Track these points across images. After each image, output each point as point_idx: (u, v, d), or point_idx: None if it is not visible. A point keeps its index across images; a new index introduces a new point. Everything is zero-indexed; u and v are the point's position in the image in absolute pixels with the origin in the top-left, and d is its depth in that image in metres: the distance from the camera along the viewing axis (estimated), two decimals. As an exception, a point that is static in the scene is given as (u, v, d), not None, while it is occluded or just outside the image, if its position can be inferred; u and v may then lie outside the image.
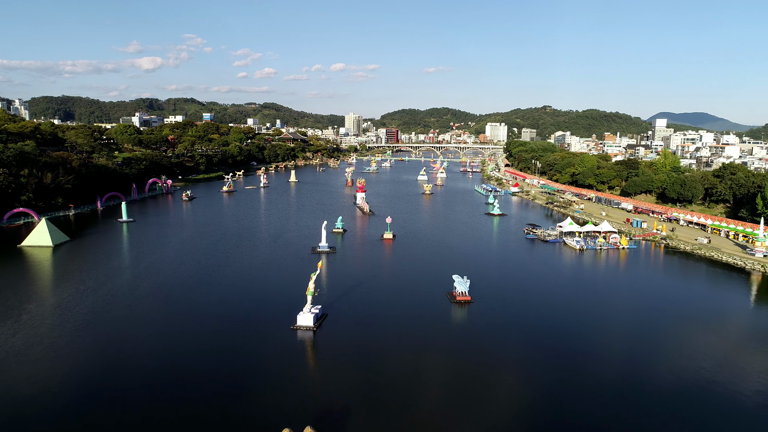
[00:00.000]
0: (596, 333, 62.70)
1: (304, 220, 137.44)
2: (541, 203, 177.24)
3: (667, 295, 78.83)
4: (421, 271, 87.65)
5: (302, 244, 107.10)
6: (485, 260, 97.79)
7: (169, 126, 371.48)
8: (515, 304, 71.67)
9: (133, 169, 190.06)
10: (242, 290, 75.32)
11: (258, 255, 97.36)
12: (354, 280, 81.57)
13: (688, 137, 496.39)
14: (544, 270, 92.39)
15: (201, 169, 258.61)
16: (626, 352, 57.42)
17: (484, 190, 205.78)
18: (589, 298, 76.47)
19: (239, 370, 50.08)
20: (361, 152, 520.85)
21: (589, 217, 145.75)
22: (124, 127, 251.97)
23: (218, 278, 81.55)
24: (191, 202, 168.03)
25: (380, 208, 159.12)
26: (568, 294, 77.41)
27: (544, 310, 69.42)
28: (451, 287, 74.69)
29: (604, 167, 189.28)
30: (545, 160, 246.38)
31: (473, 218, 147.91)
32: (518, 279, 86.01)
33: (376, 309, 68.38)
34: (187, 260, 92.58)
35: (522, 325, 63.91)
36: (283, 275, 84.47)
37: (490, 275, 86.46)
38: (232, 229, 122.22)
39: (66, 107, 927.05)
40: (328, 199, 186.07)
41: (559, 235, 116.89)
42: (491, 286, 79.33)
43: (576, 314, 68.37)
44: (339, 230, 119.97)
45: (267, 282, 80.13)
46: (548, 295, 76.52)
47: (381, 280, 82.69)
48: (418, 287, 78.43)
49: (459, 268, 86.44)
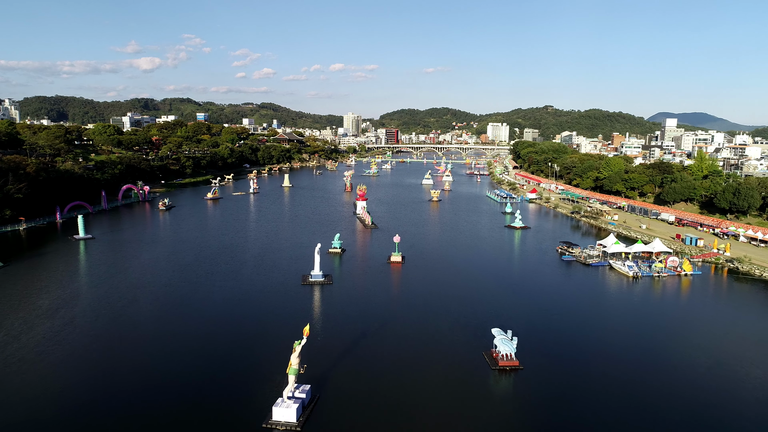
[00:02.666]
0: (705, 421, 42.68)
1: (296, 235, 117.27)
2: (564, 212, 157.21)
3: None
4: (443, 314, 67.46)
5: (291, 270, 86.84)
6: (519, 294, 77.64)
7: (158, 126, 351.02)
8: (579, 368, 51.68)
9: (106, 174, 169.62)
10: (200, 355, 54.47)
11: (234, 287, 77.08)
12: (355, 329, 61.38)
13: (700, 137, 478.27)
14: (598, 309, 72.30)
15: (187, 173, 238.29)
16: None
17: (498, 196, 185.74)
18: (677, 357, 56.35)
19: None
20: (360, 153, 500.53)
21: (627, 230, 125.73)
22: (102, 127, 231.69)
23: (173, 330, 61.19)
24: (169, 212, 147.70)
25: (384, 220, 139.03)
26: (647, 352, 57.27)
27: (621, 377, 49.44)
28: (486, 342, 54.96)
29: (634, 171, 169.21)
30: (561, 163, 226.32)
31: (492, 232, 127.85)
32: (569, 325, 65.75)
33: (388, 384, 48.31)
34: (142, 296, 72.32)
35: (601, 412, 43.82)
36: (262, 328, 64.13)
37: (531, 318, 66.38)
38: (210, 248, 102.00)
39: (59, 107, 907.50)
40: (324, 207, 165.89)
41: (602, 256, 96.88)
42: (539, 339, 59.26)
43: (669, 388, 48.33)
44: (336, 250, 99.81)
45: (237, 343, 59.32)
46: (619, 352, 56.51)
47: (391, 329, 62.43)
48: (441, 342, 58.29)
49: (489, 308, 66.30)
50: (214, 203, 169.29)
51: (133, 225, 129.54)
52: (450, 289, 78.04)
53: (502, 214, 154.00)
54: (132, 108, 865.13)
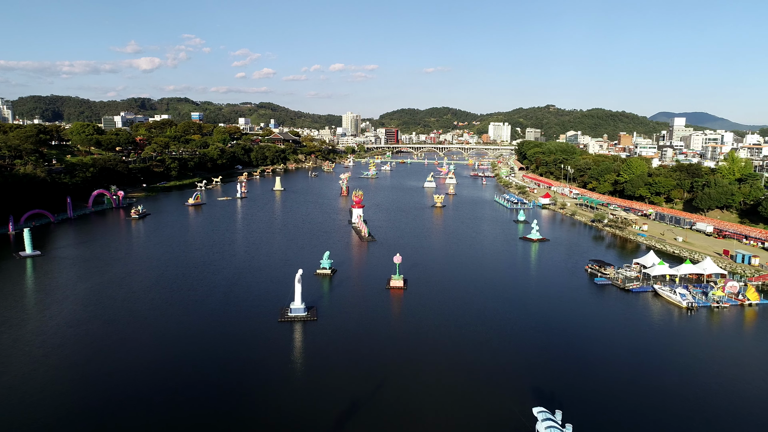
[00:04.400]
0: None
1: (280, 250, 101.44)
2: (583, 220, 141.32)
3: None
4: (458, 370, 51.68)
5: (268, 299, 70.96)
6: (552, 334, 61.74)
7: (146, 126, 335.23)
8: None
9: (76, 178, 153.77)
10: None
11: (190, 327, 61.18)
12: (342, 396, 45.54)
13: (710, 137, 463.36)
14: (658, 359, 56.42)
15: (172, 175, 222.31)
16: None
17: (508, 201, 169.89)
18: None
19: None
20: (359, 154, 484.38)
21: (660, 243, 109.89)
22: (81, 126, 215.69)
23: (87, 403, 45.36)
24: (143, 221, 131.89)
25: (382, 230, 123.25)
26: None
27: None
28: (527, 425, 39.07)
29: (659, 174, 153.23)
30: (574, 164, 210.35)
31: (506, 245, 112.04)
32: (625, 385, 49.96)
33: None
34: (68, 343, 56.44)
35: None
36: (209, 395, 48.32)
37: (573, 376, 50.62)
38: (177, 268, 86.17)
39: (55, 107, 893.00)
40: (317, 214, 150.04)
41: (643, 279, 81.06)
42: (592, 414, 43.46)
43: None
44: (325, 271, 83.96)
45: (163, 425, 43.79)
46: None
47: (390, 394, 46.60)
48: (464, 419, 42.45)
49: (518, 359, 50.35)
50: (196, 210, 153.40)
51: (96, 237, 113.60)
52: (464, 328, 62.19)
53: (515, 223, 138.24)
54: (129, 108, 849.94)
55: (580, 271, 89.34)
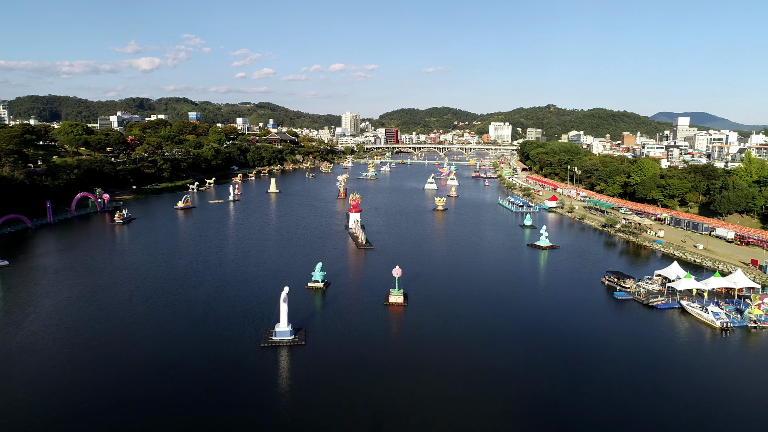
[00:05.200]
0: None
1: (270, 259, 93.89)
2: (593, 225, 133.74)
3: None
4: (467, 404, 44.13)
5: (252, 318, 63.40)
6: (574, 362, 54.20)
7: (140, 126, 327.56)
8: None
9: (59, 180, 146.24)
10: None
11: (159, 353, 53.66)
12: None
13: (714, 137, 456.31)
14: (692, 387, 48.89)
15: (164, 177, 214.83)
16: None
17: (513, 204, 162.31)
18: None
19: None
20: (358, 154, 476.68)
21: (679, 251, 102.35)
22: (69, 126, 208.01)
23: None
24: (127, 226, 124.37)
25: (381, 236, 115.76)
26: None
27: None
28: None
29: (672, 176, 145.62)
30: (580, 165, 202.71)
31: (513, 253, 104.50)
32: (661, 425, 42.41)
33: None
34: (20, 370, 48.93)
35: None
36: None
37: (596, 415, 43.07)
38: (155, 280, 78.65)
39: (52, 107, 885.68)
40: (313, 218, 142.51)
41: (667, 294, 73.55)
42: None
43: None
44: (318, 284, 76.40)
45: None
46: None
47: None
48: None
49: (539, 395, 42.55)
50: (186, 214, 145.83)
51: (74, 244, 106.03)
52: (470, 352, 54.70)
53: (521, 228, 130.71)
54: (127, 108, 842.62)
55: (596, 284, 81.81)
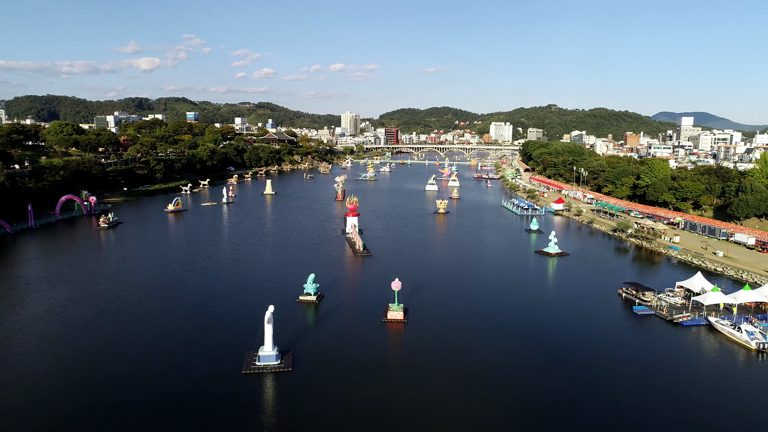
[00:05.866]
0: None
1: (261, 269, 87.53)
2: (603, 229, 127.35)
3: None
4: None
5: (235, 338, 57.04)
6: (591, 390, 47.90)
7: (135, 125, 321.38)
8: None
9: (44, 182, 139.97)
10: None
11: (132, 386, 47.35)
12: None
13: (719, 137, 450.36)
14: (730, 421, 42.54)
15: (157, 178, 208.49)
16: None
17: (517, 207, 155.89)
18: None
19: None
20: (357, 154, 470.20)
21: (697, 258, 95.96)
22: (59, 125, 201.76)
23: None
24: (112, 231, 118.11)
25: (380, 242, 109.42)
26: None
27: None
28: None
29: (685, 178, 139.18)
30: (586, 166, 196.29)
31: (520, 260, 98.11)
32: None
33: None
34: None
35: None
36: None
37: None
38: (133, 293, 72.33)
39: (50, 107, 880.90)
40: (308, 222, 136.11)
41: (693, 309, 67.20)
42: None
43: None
44: (310, 298, 70.03)
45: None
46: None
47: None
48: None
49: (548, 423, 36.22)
50: (176, 217, 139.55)
51: (53, 251, 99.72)
52: (478, 377, 48.38)
53: (527, 233, 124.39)
54: (126, 107, 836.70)
55: (613, 296, 75.46)
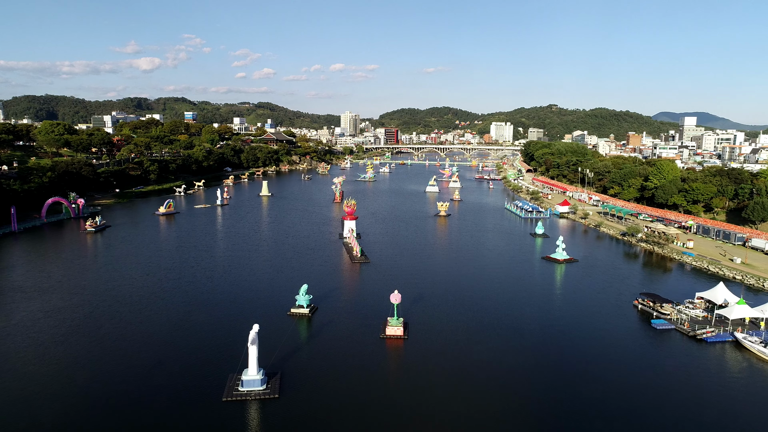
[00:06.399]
0: None
1: (252, 277, 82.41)
2: (611, 233, 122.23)
3: None
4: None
5: (217, 359, 51.96)
6: (615, 418, 42.82)
7: (131, 125, 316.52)
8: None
9: (30, 184, 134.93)
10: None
11: (92, 418, 42.26)
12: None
13: (722, 137, 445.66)
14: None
15: (151, 179, 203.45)
16: None
17: (521, 209, 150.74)
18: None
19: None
20: (357, 154, 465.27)
21: (713, 264, 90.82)
22: (50, 125, 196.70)
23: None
24: (100, 235, 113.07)
25: (378, 247, 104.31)
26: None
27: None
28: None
29: (695, 179, 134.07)
30: (592, 167, 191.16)
31: (526, 268, 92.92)
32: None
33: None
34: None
35: None
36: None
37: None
38: (111, 305, 67.27)
39: (49, 107, 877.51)
40: (305, 225, 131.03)
41: (716, 323, 62.09)
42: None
43: None
44: (302, 311, 64.93)
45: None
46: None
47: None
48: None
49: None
50: (168, 220, 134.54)
51: (34, 257, 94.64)
52: (485, 400, 43.22)
53: (531, 236, 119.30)
54: (125, 107, 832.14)
55: (628, 308, 70.35)
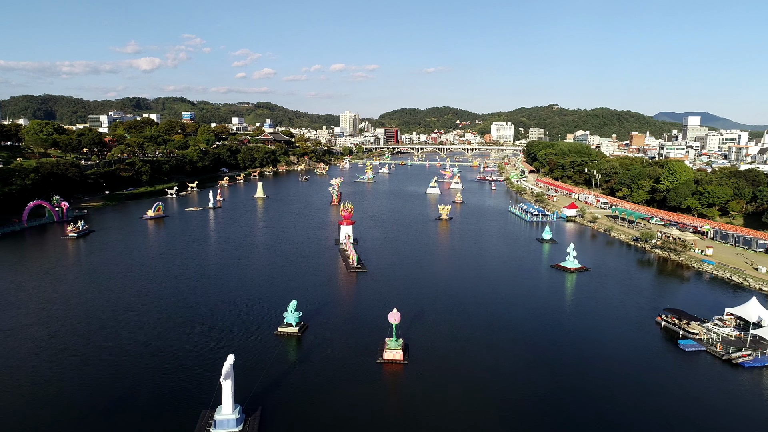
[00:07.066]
0: None
1: (239, 289, 76.00)
2: (622, 238, 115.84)
3: None
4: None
5: (190, 393, 45.59)
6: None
7: (125, 125, 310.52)
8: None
9: (11, 186, 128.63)
10: None
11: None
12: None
13: (726, 137, 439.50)
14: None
15: (143, 180, 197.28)
16: None
17: (526, 213, 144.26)
18: None
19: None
20: (356, 155, 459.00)
21: (736, 274, 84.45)
22: (38, 125, 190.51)
23: None
24: (83, 240, 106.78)
25: (377, 253, 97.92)
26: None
27: None
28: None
29: (710, 181, 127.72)
30: (598, 167, 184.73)
31: (535, 277, 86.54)
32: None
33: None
34: None
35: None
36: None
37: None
38: (79, 323, 60.97)
39: (47, 107, 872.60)
40: (300, 230, 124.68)
41: (753, 345, 55.75)
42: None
43: None
44: (291, 329, 58.57)
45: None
46: None
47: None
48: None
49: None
50: (156, 224, 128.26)
51: (5, 267, 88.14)
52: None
53: (538, 242, 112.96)
54: (124, 107, 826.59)
55: (650, 325, 63.96)
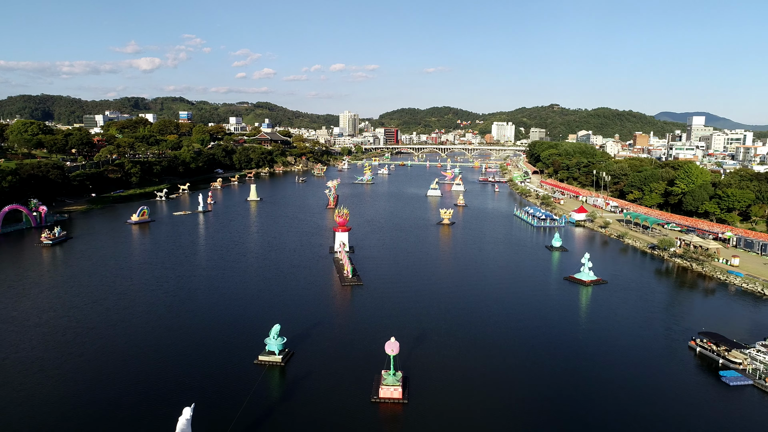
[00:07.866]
0: None
1: (220, 305, 68.38)
2: (637, 246, 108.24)
3: None
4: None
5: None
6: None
7: (118, 125, 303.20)
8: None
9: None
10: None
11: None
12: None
13: (732, 137, 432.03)
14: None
15: (132, 182, 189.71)
16: None
17: (533, 217, 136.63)
18: None
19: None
20: (356, 155, 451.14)
21: (764, 287, 76.90)
22: (22, 124, 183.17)
23: None
24: (56, 249, 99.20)
25: (374, 263, 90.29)
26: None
27: None
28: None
29: (729, 184, 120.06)
30: (606, 169, 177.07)
31: (547, 291, 78.91)
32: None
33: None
34: None
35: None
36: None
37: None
38: (35, 348, 53.50)
39: (45, 107, 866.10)
40: (293, 236, 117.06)
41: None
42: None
43: None
44: (274, 357, 51.00)
45: None
46: None
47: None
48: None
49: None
50: (141, 229, 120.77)
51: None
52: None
53: (547, 249, 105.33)
54: (122, 107, 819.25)
55: (682, 350, 56.40)
